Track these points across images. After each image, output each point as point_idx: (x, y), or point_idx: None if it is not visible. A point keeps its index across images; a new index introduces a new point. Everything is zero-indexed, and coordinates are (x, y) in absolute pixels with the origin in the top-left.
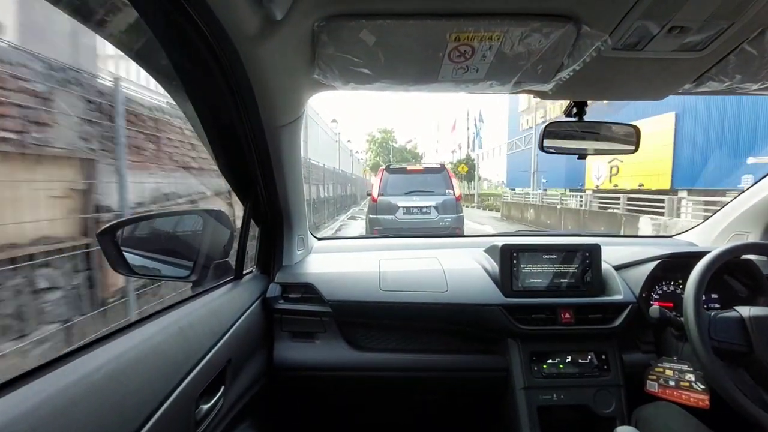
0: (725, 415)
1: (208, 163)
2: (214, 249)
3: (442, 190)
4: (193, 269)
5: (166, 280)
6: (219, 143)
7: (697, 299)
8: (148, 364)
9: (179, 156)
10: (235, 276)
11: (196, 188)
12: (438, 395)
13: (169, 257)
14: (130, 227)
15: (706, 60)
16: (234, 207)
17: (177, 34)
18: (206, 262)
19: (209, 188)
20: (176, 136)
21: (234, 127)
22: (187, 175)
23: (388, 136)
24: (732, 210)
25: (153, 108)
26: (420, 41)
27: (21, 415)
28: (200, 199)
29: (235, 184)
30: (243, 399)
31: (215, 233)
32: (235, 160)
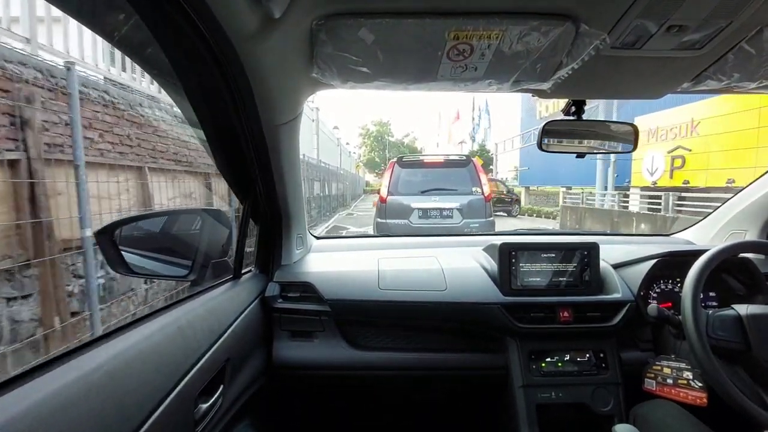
0: (723, 412)
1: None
2: (213, 248)
3: (467, 189)
4: (192, 268)
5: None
6: (217, 142)
7: (695, 297)
8: (147, 363)
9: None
10: (234, 275)
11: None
12: (437, 394)
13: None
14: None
15: (704, 59)
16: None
17: (175, 33)
18: (205, 261)
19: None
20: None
21: (232, 126)
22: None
23: (384, 129)
24: (730, 208)
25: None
26: (419, 40)
27: (20, 414)
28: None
29: (234, 183)
30: (242, 398)
31: (214, 232)
32: (233, 159)
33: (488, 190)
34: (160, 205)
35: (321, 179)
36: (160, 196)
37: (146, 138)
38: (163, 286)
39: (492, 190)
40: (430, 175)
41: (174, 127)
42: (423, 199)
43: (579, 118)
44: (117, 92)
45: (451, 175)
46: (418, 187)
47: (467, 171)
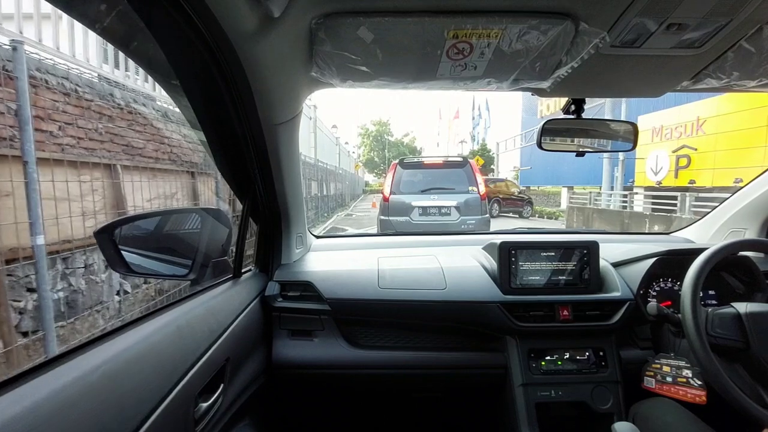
0: (722, 410)
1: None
2: (213, 247)
3: (464, 188)
4: (192, 268)
5: (165, 279)
6: (217, 141)
7: (694, 296)
8: (147, 363)
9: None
10: (234, 274)
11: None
12: (436, 393)
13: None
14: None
15: (703, 57)
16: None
17: (174, 32)
18: (204, 261)
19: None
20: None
21: (232, 125)
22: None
23: (384, 129)
24: (729, 207)
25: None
26: (418, 38)
27: (18, 415)
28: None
29: (234, 182)
30: (242, 397)
31: (213, 231)
32: (233, 158)
33: (484, 189)
34: (134, 208)
35: (319, 179)
36: (135, 198)
37: (120, 132)
38: (140, 296)
39: (501, 190)
40: (430, 175)
41: (154, 122)
42: (423, 198)
43: (579, 117)
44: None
45: (450, 175)
46: (418, 187)
47: (464, 172)
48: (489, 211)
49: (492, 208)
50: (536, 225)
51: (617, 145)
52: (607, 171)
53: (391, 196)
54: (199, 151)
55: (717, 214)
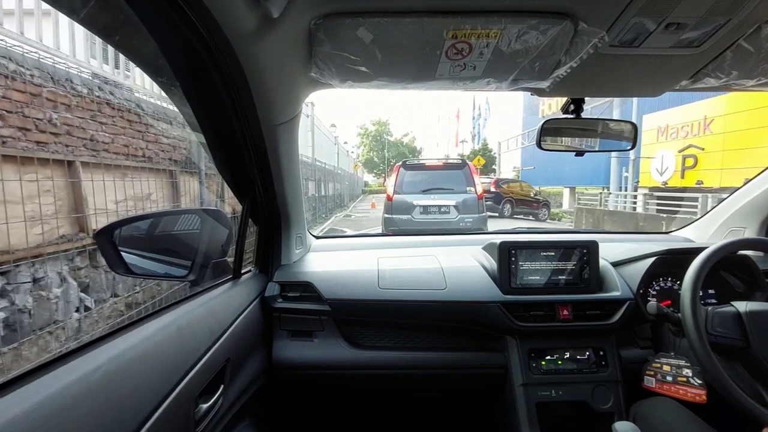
0: (722, 409)
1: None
2: (212, 248)
3: (462, 188)
4: (191, 268)
5: (164, 280)
6: (216, 142)
7: (694, 295)
8: (147, 363)
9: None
10: (234, 275)
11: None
12: (437, 393)
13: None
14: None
15: (702, 56)
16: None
17: (173, 33)
18: (204, 262)
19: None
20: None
21: (231, 126)
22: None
23: (383, 129)
24: (729, 206)
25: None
26: (417, 39)
27: (19, 415)
28: None
29: (233, 183)
30: (242, 398)
31: (213, 232)
32: (232, 158)
33: (481, 189)
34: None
35: (316, 179)
36: (99, 199)
37: (81, 124)
38: (106, 312)
39: (515, 191)
40: (431, 176)
41: (125, 113)
42: (424, 198)
43: (578, 117)
44: (31, 61)
45: (449, 176)
46: (419, 187)
47: (463, 173)
48: (501, 212)
49: (504, 209)
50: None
51: (617, 145)
52: (616, 171)
53: (394, 195)
54: (180, 147)
55: (716, 213)
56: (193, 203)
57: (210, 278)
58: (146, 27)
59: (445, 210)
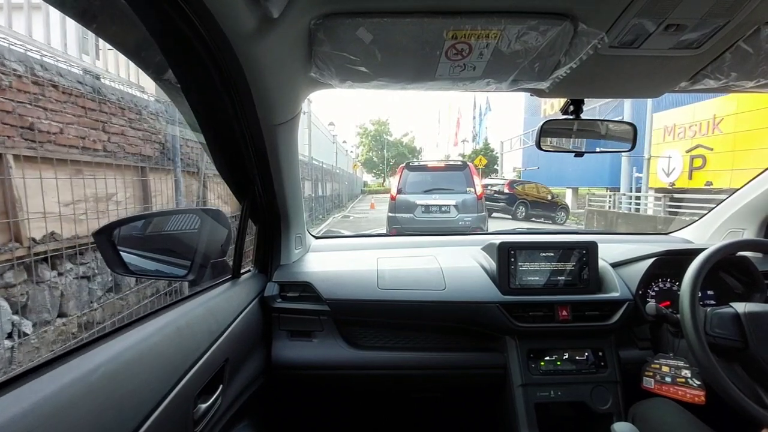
0: (721, 410)
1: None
2: (212, 248)
3: (462, 188)
4: (191, 268)
5: (164, 279)
6: (216, 142)
7: (693, 295)
8: (146, 363)
9: None
10: (233, 275)
11: None
12: (436, 393)
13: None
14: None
15: (702, 58)
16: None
17: (173, 32)
18: (204, 261)
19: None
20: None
21: (231, 126)
22: None
23: (383, 129)
24: (728, 207)
25: None
26: (417, 39)
27: (18, 415)
28: None
29: (233, 183)
30: (241, 398)
31: (213, 232)
32: (232, 158)
33: (480, 190)
34: (27, 213)
35: (313, 178)
36: (41, 200)
37: (15, 110)
38: (51, 337)
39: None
40: (433, 177)
41: (79, 99)
42: (425, 197)
43: (577, 117)
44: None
45: (450, 177)
46: (422, 187)
47: (463, 174)
48: (514, 214)
49: (517, 211)
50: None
51: (616, 146)
52: (626, 171)
53: (398, 195)
54: (152, 141)
55: (716, 215)
56: (166, 205)
57: (209, 278)
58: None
59: (445, 209)
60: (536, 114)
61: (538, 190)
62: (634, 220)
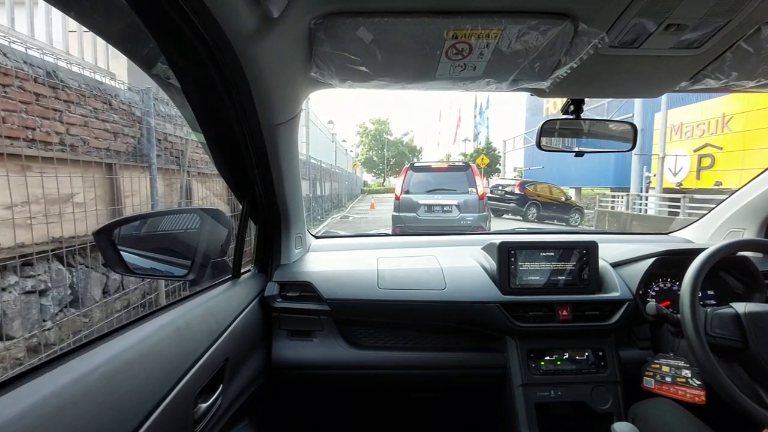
0: (721, 410)
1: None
2: (212, 248)
3: (464, 189)
4: (191, 268)
5: (164, 279)
6: (216, 142)
7: (693, 295)
8: (146, 363)
9: None
10: (233, 275)
11: None
12: (436, 393)
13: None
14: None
15: (702, 57)
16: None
17: (173, 32)
18: (204, 261)
19: None
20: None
21: (231, 126)
22: None
23: (383, 128)
24: (728, 207)
25: None
26: (417, 39)
27: (17, 415)
28: None
29: (233, 183)
30: (241, 397)
31: (213, 232)
32: (232, 158)
33: (482, 190)
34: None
35: (311, 178)
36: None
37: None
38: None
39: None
40: (436, 177)
41: (26, 83)
42: (428, 197)
43: (578, 117)
44: None
45: (453, 177)
46: (425, 187)
47: (465, 175)
48: (525, 216)
49: (528, 212)
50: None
51: (616, 146)
52: (637, 170)
53: (402, 195)
54: (124, 134)
55: (716, 214)
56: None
57: (209, 278)
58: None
59: (448, 209)
60: (538, 113)
61: (551, 191)
62: (652, 222)
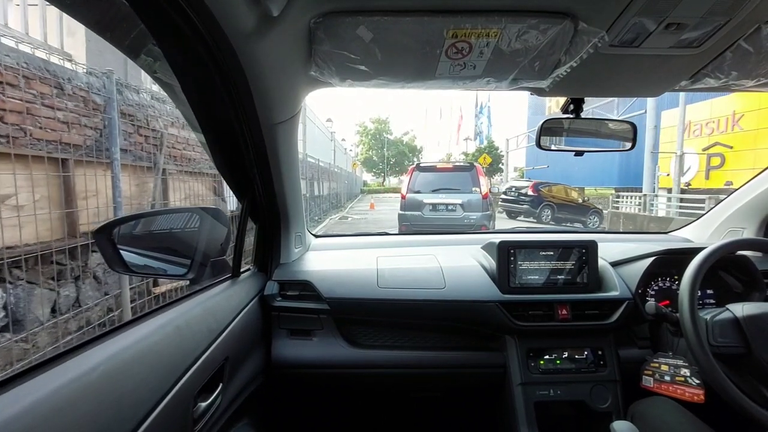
0: (720, 409)
1: None
2: (212, 247)
3: (468, 188)
4: (190, 267)
5: (163, 279)
6: (216, 141)
7: (692, 295)
8: (145, 362)
9: None
10: (233, 274)
11: None
12: (436, 392)
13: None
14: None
15: (702, 57)
16: None
17: (173, 31)
18: (203, 260)
19: None
20: None
21: (231, 125)
22: None
23: (383, 127)
24: (727, 206)
25: None
26: (417, 38)
27: (16, 415)
28: None
29: (233, 182)
30: (241, 396)
31: (212, 231)
32: (232, 157)
33: (486, 190)
34: None
35: (308, 177)
36: None
37: None
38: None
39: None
40: (441, 177)
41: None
42: (433, 196)
43: (577, 116)
44: None
45: (457, 177)
46: (430, 187)
47: (470, 174)
48: (539, 218)
49: (542, 214)
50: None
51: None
52: (650, 169)
53: (408, 194)
54: (81, 125)
55: (715, 214)
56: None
57: (209, 277)
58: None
59: (451, 208)
60: (541, 112)
61: (567, 192)
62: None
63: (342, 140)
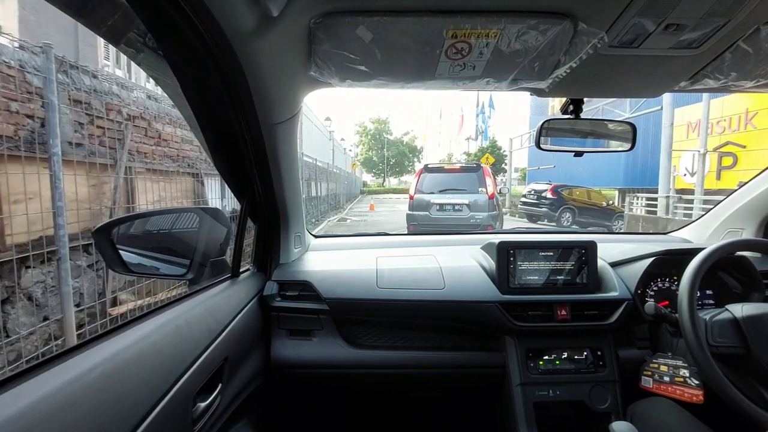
0: (719, 409)
1: None
2: (211, 247)
3: (475, 189)
4: (190, 267)
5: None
6: (215, 141)
7: (692, 295)
8: (145, 362)
9: None
10: (232, 274)
11: None
12: (435, 392)
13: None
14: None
15: (701, 57)
16: None
17: (173, 31)
18: (203, 260)
19: None
20: None
21: (230, 125)
22: None
23: (383, 127)
24: (726, 207)
25: None
26: (417, 38)
27: (16, 415)
28: None
29: (232, 182)
30: (240, 396)
31: (212, 231)
32: (231, 157)
33: (492, 190)
34: None
35: (305, 177)
36: None
37: None
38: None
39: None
40: (448, 178)
41: None
42: (440, 197)
43: (577, 117)
44: None
45: (464, 178)
46: (437, 187)
47: (476, 175)
48: (558, 221)
49: (562, 218)
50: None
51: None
52: (666, 169)
53: (416, 194)
54: (11, 111)
55: (714, 214)
56: (41, 214)
57: (208, 277)
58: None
59: (458, 208)
60: (543, 113)
61: (589, 196)
62: None
63: (341, 140)
